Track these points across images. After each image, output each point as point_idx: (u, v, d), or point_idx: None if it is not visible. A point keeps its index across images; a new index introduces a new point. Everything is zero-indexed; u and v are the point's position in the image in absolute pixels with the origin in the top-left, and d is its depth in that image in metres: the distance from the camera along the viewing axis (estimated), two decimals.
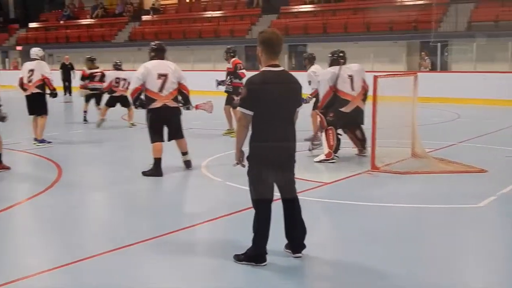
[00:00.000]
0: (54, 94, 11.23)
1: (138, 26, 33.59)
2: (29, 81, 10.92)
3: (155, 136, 8.33)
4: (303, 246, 4.96)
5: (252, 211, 4.82)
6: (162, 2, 35.31)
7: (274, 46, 4.72)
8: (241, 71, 12.03)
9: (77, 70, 25.93)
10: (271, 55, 4.72)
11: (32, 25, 39.19)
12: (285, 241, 5.00)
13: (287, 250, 5.02)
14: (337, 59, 9.52)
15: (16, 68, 35.00)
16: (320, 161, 9.10)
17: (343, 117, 9.30)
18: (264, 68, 4.75)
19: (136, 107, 8.61)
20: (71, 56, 31.60)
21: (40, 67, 11.00)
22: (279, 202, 4.91)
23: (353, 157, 9.59)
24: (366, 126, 9.34)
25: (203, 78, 24.83)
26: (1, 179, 8.32)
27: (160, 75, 8.23)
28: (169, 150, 8.94)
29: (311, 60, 11.50)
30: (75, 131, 14.03)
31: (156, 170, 8.27)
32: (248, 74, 8.94)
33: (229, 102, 12.21)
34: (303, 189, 7.13)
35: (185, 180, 8.40)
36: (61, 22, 37.63)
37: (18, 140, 11.74)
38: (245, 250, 4.81)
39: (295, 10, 28.88)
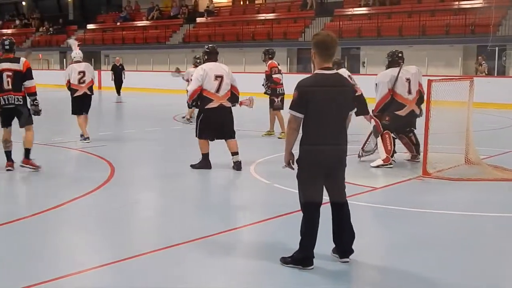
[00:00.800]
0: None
1: (192, 28, 33.98)
2: (82, 82, 11.63)
3: (205, 133, 8.68)
4: (351, 251, 4.91)
5: (300, 213, 4.81)
6: (216, 5, 35.62)
7: (328, 49, 4.68)
8: (276, 75, 12.33)
9: (127, 71, 26.55)
10: (324, 57, 4.69)
11: (90, 26, 40.17)
12: (333, 245, 4.96)
13: (335, 255, 4.98)
14: (397, 60, 9.31)
15: None
16: (377, 166, 8.95)
17: (398, 120, 9.13)
18: (316, 71, 4.72)
19: (190, 107, 8.86)
20: (126, 57, 32.26)
21: (91, 69, 12.01)
22: (328, 205, 4.88)
23: (403, 162, 9.43)
24: (419, 131, 9.18)
25: (255, 80, 24.96)
26: (54, 177, 8.55)
27: (217, 77, 8.54)
28: (218, 150, 9.03)
29: (340, 64, 11.44)
30: (127, 130, 14.29)
31: (205, 163, 8.74)
32: (298, 77, 9.00)
33: (271, 104, 12.42)
34: (352, 193, 7.06)
35: (234, 181, 8.45)
36: (118, 23, 38.42)
37: (73, 139, 12.04)
38: (292, 253, 4.80)
39: (349, 12, 28.66)
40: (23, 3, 48.29)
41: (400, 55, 9.39)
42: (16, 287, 4.31)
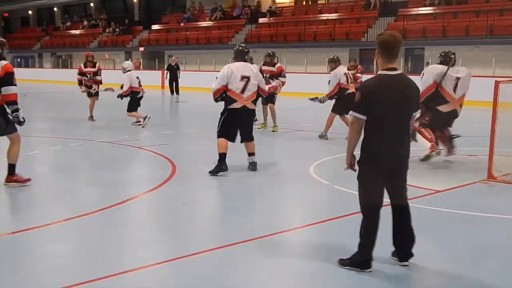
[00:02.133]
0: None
1: (255, 29, 34.15)
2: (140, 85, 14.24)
3: (225, 134, 8.51)
4: (411, 255, 4.83)
5: (360, 215, 4.76)
6: (278, 5, 35.68)
7: (391, 49, 4.59)
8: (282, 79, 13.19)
9: (183, 71, 27.12)
10: (388, 58, 4.60)
11: (155, 27, 40.97)
12: (393, 248, 4.90)
13: (394, 258, 4.91)
14: (449, 60, 9.24)
15: (138, 68, 36.70)
16: (425, 157, 8.89)
17: (439, 117, 9.08)
18: (380, 72, 4.67)
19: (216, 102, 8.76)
20: (189, 57, 32.78)
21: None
22: (388, 208, 4.82)
23: (465, 165, 9.21)
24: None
25: (316, 81, 24.90)
26: (120, 173, 8.77)
27: (243, 77, 8.39)
28: (275, 150, 9.03)
29: (336, 62, 11.94)
30: (188, 129, 14.50)
31: (220, 166, 8.40)
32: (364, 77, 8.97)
33: (266, 99, 12.69)
34: (414, 196, 6.94)
35: (293, 181, 8.44)
36: (181, 24, 39.03)
37: (136, 137, 12.33)
38: (350, 255, 4.76)
39: (414, 12, 28.15)
40: (91, 4, 49.75)
41: (452, 56, 9.33)
42: (81, 280, 4.45)
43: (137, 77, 14.30)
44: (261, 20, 34.69)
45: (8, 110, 7.26)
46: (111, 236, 5.74)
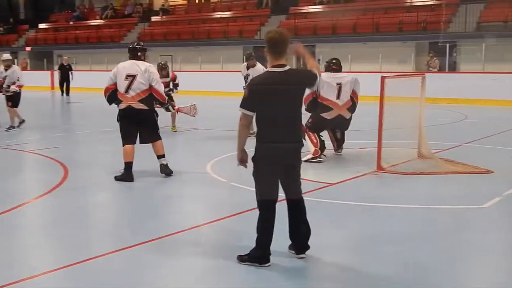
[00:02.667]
0: None
1: (147, 27, 33.69)
2: None
3: (124, 138, 8.11)
4: (307, 247, 4.96)
5: (257, 211, 4.83)
6: (171, 3, 35.40)
7: (278, 46, 4.67)
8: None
9: (74, 71, 26.37)
10: (275, 55, 4.68)
11: (42, 25, 39.39)
12: (289, 241, 5.00)
13: (291, 251, 5.03)
14: (330, 67, 9.57)
15: (25, 68, 35.16)
16: (307, 160, 8.98)
17: (323, 122, 9.38)
18: (268, 68, 4.76)
19: (110, 104, 8.42)
20: (80, 57, 31.81)
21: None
22: (284, 202, 4.92)
23: (357, 158, 9.58)
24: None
25: (211, 79, 24.96)
26: (8, 179, 8.38)
27: (128, 76, 8.00)
28: (172, 150, 8.97)
29: (249, 57, 12.15)
30: (81, 131, 14.08)
31: (124, 176, 8.02)
32: None
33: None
34: (308, 190, 7.13)
35: (190, 180, 8.42)
36: (71, 23, 37.80)
37: (24, 141, 11.83)
38: (249, 251, 4.82)
39: (304, 10, 28.88)
40: None
41: (334, 61, 9.65)
42: None
43: None
44: (153, 18, 34.27)
45: None
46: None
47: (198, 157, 9.19)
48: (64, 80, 26.43)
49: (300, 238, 4.96)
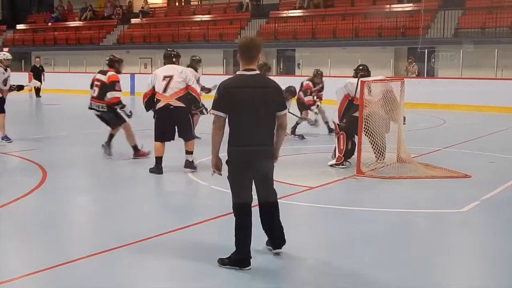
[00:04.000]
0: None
1: (127, 29, 33.52)
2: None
3: (157, 136, 8.69)
4: (283, 242, 5.04)
5: None
6: (151, 5, 35.26)
7: (247, 52, 4.75)
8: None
9: (53, 72, 26.06)
10: (245, 60, 4.76)
11: (20, 26, 38.97)
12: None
13: (268, 247, 5.09)
14: (356, 73, 9.58)
15: None
16: (331, 166, 9.10)
17: (356, 121, 9.06)
18: (238, 72, 4.82)
19: (147, 110, 8.97)
20: (58, 58, 31.55)
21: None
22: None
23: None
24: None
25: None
26: None
27: (165, 77, 8.57)
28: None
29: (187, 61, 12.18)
30: (60, 133, 13.97)
31: (155, 169, 8.63)
32: None
33: None
34: (288, 193, 7.16)
35: (171, 183, 8.39)
36: (49, 24, 37.45)
37: (1, 143, 11.68)
38: (229, 254, 4.81)
39: (284, 15, 28.96)
40: None
41: (361, 67, 9.69)
42: None
43: None
44: (133, 20, 34.10)
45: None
46: None
47: (178, 159, 9.14)
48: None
49: (274, 238, 5.03)
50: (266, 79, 4.93)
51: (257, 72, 4.81)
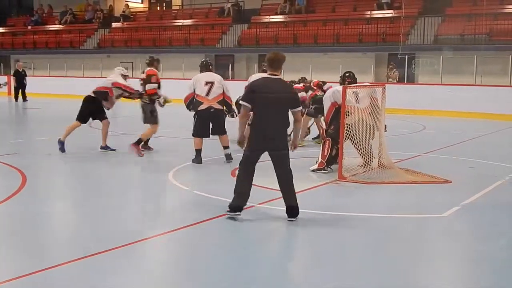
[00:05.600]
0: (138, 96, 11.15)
1: (108, 33, 33.35)
2: None
3: (197, 131, 9.97)
4: (296, 212, 6.32)
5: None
6: (132, 10, 35.12)
7: (276, 62, 6.49)
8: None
9: (32, 76, 25.84)
10: (271, 69, 6.47)
11: None
12: None
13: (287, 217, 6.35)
14: (343, 81, 9.67)
15: None
16: (313, 170, 9.13)
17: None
18: (265, 75, 6.59)
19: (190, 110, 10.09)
20: (38, 62, 31.27)
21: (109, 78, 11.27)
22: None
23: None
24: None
25: (172, 86, 24.77)
26: None
27: (207, 82, 9.86)
28: (133, 158, 8.87)
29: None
30: (40, 138, 13.82)
31: (196, 158, 9.86)
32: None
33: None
34: (269, 198, 7.16)
35: (153, 188, 8.35)
36: (29, 27, 37.14)
37: None
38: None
39: (266, 20, 29.02)
40: None
41: (347, 74, 9.78)
42: None
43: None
44: (114, 24, 33.94)
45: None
46: None
47: (160, 164, 9.14)
48: (20, 86, 25.81)
49: (289, 201, 6.35)
50: (285, 84, 6.60)
51: (279, 77, 6.43)
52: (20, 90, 25.80)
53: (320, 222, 6.54)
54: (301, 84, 12.73)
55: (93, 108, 10.92)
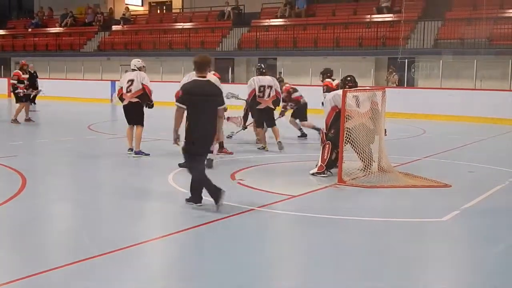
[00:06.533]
0: (151, 105, 11.00)
1: (108, 36, 33.37)
2: (128, 91, 10.77)
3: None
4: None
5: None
6: (132, 13, 35.14)
7: (204, 65, 7.14)
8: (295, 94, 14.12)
9: (40, 78, 25.60)
10: (199, 71, 7.11)
11: None
12: None
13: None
14: (344, 84, 9.67)
15: None
16: (312, 174, 9.09)
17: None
18: (194, 78, 7.11)
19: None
20: (38, 64, 31.19)
21: (141, 77, 10.90)
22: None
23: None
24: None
25: (172, 89, 24.74)
26: None
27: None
28: (134, 161, 8.85)
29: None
30: (40, 140, 13.83)
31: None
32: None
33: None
34: (269, 201, 7.16)
35: (152, 191, 8.34)
36: (29, 30, 37.15)
37: None
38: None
39: (266, 23, 29.03)
40: None
41: (349, 78, 9.71)
42: None
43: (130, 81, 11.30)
44: (114, 27, 33.94)
45: None
46: None
47: (159, 167, 9.14)
48: (31, 88, 25.32)
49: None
50: (212, 84, 7.17)
51: (207, 79, 7.08)
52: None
53: (320, 225, 6.53)
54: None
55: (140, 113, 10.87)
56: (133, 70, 11.00)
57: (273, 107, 12.00)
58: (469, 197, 7.79)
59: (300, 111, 13.99)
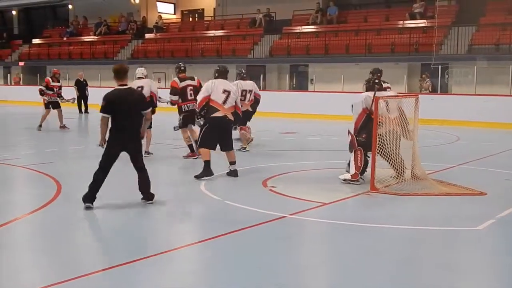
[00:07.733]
0: (153, 111, 11.13)
1: (141, 44, 33.77)
2: None
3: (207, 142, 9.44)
4: (151, 197, 7.56)
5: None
6: (165, 21, 35.51)
7: (121, 73, 7.51)
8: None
9: (65, 86, 25.78)
10: (119, 79, 7.49)
11: (35, 41, 39.37)
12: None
13: (142, 200, 7.57)
14: (371, 86, 9.41)
15: (17, 83, 35.06)
16: (344, 180, 8.98)
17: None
18: (116, 87, 7.44)
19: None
20: (72, 72, 31.76)
21: (150, 84, 11.85)
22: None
23: None
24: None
25: None
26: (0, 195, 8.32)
27: (225, 91, 9.49)
28: (165, 169, 8.90)
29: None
30: (75, 147, 14.04)
31: (205, 172, 9.34)
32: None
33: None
34: (302, 209, 7.14)
35: (184, 197, 8.39)
36: (64, 38, 37.82)
37: (17, 156, 11.77)
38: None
39: (297, 30, 29.03)
40: None
41: (377, 81, 9.50)
42: None
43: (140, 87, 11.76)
44: (147, 35, 34.35)
45: None
46: None
47: (191, 175, 9.19)
48: (82, 96, 25.29)
49: (144, 191, 7.60)
50: (133, 90, 7.73)
51: (128, 86, 7.57)
52: (82, 101, 25.37)
53: (352, 233, 6.49)
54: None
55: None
56: (139, 78, 12.04)
57: (251, 109, 12.69)
58: (505, 205, 7.66)
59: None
